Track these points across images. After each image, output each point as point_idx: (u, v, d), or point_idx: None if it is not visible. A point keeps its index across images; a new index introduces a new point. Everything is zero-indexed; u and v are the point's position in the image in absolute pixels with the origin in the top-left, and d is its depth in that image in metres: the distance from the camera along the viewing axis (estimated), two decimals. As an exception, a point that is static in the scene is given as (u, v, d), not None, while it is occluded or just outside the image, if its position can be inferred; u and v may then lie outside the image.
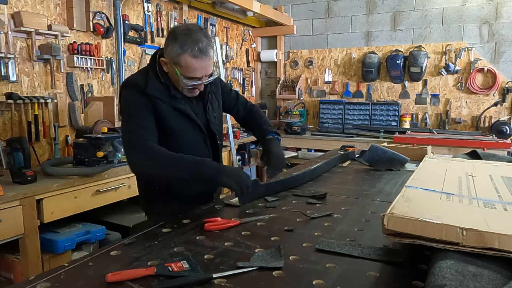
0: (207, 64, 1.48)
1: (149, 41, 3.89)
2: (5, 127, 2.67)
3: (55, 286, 0.92)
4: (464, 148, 3.66)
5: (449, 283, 0.76)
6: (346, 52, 5.24)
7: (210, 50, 1.47)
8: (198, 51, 1.43)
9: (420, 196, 1.16)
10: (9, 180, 2.31)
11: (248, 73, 5.67)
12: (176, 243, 1.18)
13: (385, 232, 0.97)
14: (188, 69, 1.46)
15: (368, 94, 5.15)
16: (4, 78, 2.64)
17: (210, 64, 1.50)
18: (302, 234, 1.25)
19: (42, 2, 2.89)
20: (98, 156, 2.60)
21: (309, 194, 1.70)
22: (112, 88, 3.49)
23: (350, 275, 0.97)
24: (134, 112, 1.51)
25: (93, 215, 2.80)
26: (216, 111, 1.75)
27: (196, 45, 1.42)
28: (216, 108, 1.75)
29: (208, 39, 1.47)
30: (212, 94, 1.73)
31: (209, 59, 1.47)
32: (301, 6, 5.44)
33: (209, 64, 1.49)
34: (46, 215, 2.29)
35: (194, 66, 1.46)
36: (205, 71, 1.50)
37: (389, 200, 1.56)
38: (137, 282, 0.93)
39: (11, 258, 2.32)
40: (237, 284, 0.93)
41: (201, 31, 1.48)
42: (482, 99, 4.56)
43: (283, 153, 1.75)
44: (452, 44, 4.62)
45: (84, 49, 3.15)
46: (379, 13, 5.00)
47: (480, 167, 1.67)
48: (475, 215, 1.01)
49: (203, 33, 1.48)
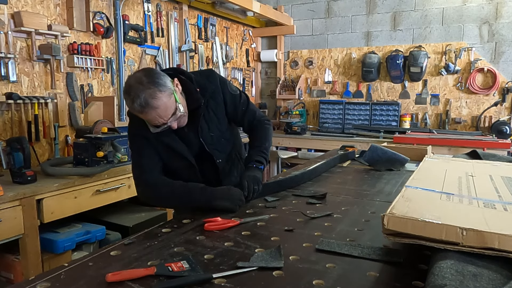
0: (154, 114, 1.43)
1: (149, 41, 3.89)
2: (5, 127, 2.67)
3: (55, 286, 0.92)
4: (464, 148, 3.66)
5: (449, 283, 0.76)
6: (346, 52, 5.24)
7: (151, 101, 1.39)
8: (139, 107, 1.41)
9: (420, 196, 1.16)
10: (9, 180, 2.31)
11: (248, 73, 5.67)
12: (176, 243, 1.18)
13: (385, 232, 0.97)
14: (146, 120, 1.50)
15: (368, 94, 5.15)
16: (4, 78, 2.64)
17: (160, 112, 1.43)
18: (302, 234, 1.25)
19: (42, 2, 2.89)
20: (98, 156, 2.60)
21: (309, 194, 1.70)
22: (112, 88, 3.49)
23: (350, 275, 0.97)
24: (132, 145, 1.65)
25: (93, 215, 2.80)
26: (215, 129, 1.70)
27: (135, 102, 1.40)
28: (215, 126, 1.70)
29: (150, 87, 1.40)
30: (208, 113, 1.67)
31: (154, 108, 1.41)
32: (301, 6, 5.44)
33: (159, 111, 1.43)
34: (46, 215, 2.29)
35: (146, 119, 1.49)
36: (159, 119, 1.46)
37: (389, 200, 1.56)
38: (137, 282, 0.93)
39: (11, 258, 2.32)
40: (237, 284, 0.93)
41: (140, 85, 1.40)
42: (482, 99, 4.56)
43: (257, 178, 1.62)
44: (452, 44, 4.62)
45: (84, 49, 3.15)
46: (379, 13, 5.00)
47: (480, 167, 1.67)
48: (475, 215, 1.01)
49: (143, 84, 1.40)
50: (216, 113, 1.71)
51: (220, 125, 1.73)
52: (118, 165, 2.75)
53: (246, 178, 1.60)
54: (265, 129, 1.84)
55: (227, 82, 1.77)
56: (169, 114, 1.48)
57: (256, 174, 1.64)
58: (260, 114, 1.88)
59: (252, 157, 1.73)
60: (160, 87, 1.43)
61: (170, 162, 1.63)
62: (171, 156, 1.62)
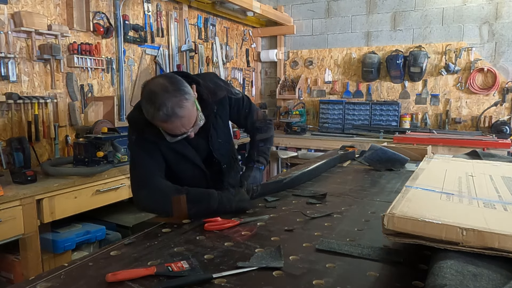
0: (178, 124, 1.38)
1: (149, 41, 3.89)
2: (5, 127, 2.67)
3: (55, 286, 0.92)
4: (464, 148, 3.65)
5: (449, 283, 0.76)
6: (346, 52, 5.23)
7: (178, 110, 1.33)
8: (165, 116, 1.33)
9: (420, 196, 1.16)
10: (9, 180, 2.31)
11: (248, 73, 5.67)
12: (176, 243, 1.18)
13: (385, 232, 0.97)
14: (165, 130, 1.43)
15: (368, 94, 5.15)
16: (4, 78, 2.64)
17: (184, 122, 1.39)
18: (302, 234, 1.25)
19: (42, 2, 2.89)
20: (98, 156, 2.60)
21: (309, 194, 1.70)
22: (112, 88, 3.49)
23: (350, 275, 0.97)
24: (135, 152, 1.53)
25: (93, 215, 2.80)
26: (222, 134, 1.69)
27: (161, 111, 1.32)
28: (222, 131, 1.69)
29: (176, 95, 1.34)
30: (216, 119, 1.64)
31: (180, 118, 1.36)
32: (301, 6, 5.44)
33: (182, 122, 1.38)
34: (46, 215, 2.29)
35: (167, 128, 1.41)
36: (182, 128, 1.41)
37: (389, 200, 1.56)
38: (137, 282, 0.93)
39: (11, 258, 2.32)
40: (237, 284, 0.93)
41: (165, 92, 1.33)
42: (482, 99, 4.56)
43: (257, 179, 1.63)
44: (452, 44, 4.62)
45: (84, 49, 3.15)
46: (379, 13, 5.00)
47: (480, 167, 1.67)
48: (475, 215, 1.01)
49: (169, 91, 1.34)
50: (223, 118, 1.69)
51: (225, 129, 1.73)
52: (118, 165, 2.75)
53: (246, 178, 1.60)
54: (267, 129, 1.85)
55: (230, 86, 1.76)
56: (192, 123, 1.43)
57: (256, 174, 1.65)
58: (262, 114, 1.88)
59: (253, 157, 1.74)
60: (186, 95, 1.37)
61: (177, 167, 1.59)
62: (181, 161, 1.58)
